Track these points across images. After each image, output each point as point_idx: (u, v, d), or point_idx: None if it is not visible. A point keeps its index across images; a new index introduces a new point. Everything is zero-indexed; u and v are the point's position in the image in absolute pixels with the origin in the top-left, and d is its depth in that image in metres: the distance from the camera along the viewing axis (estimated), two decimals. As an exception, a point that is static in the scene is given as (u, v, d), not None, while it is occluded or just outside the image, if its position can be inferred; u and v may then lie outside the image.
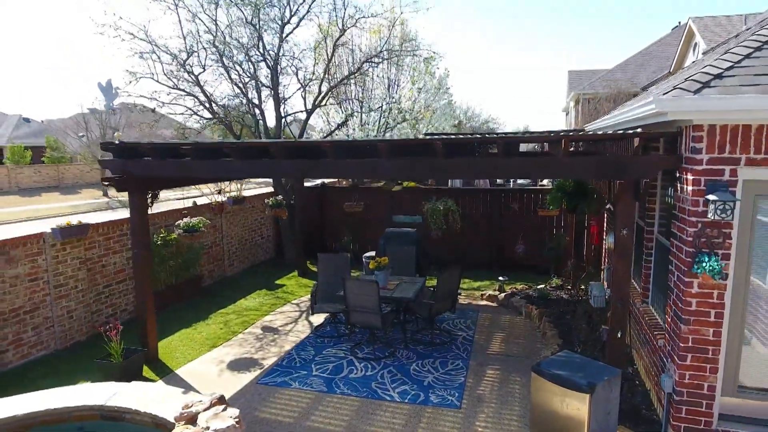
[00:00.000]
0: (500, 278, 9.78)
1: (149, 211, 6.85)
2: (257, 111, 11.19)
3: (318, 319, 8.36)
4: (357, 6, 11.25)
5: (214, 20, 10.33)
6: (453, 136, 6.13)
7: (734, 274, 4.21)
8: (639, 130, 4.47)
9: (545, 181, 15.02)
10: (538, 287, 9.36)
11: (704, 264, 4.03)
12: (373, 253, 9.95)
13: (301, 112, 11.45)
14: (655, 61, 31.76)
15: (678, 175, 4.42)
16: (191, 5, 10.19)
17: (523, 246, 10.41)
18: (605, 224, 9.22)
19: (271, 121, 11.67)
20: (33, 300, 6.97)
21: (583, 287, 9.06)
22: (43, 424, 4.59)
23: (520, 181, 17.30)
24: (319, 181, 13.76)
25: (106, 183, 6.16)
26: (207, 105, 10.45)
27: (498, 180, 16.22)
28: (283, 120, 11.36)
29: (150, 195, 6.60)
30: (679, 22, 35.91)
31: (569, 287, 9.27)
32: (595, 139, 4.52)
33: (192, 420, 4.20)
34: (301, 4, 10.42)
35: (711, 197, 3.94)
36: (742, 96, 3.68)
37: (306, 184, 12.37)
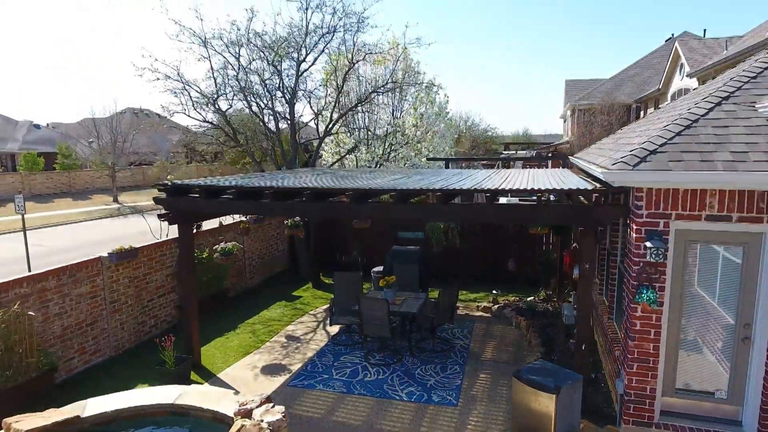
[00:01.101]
0: (494, 291, 10.98)
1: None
2: (276, 139, 12.38)
3: (334, 328, 9.55)
4: (365, 41, 12.31)
5: (238, 58, 11.52)
6: (449, 189, 7.27)
7: (669, 302, 5.41)
8: (597, 185, 5.66)
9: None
10: (528, 299, 10.55)
11: (644, 295, 5.22)
12: (380, 268, 11.17)
13: (315, 139, 12.64)
14: (648, 73, 32.88)
15: (627, 222, 5.62)
16: (217, 44, 11.37)
17: (514, 262, 11.60)
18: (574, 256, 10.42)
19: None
20: (93, 314, 8.18)
21: (566, 300, 10.25)
22: (125, 420, 5.77)
23: (513, 201, 18.46)
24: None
25: (162, 218, 7.36)
26: (232, 135, 11.64)
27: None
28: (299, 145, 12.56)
29: (195, 226, 7.80)
30: (672, 34, 37.14)
31: (554, 299, 10.46)
32: (565, 193, 5.67)
33: (247, 415, 5.39)
34: (315, 45, 11.62)
35: (648, 244, 5.13)
36: (668, 172, 4.87)
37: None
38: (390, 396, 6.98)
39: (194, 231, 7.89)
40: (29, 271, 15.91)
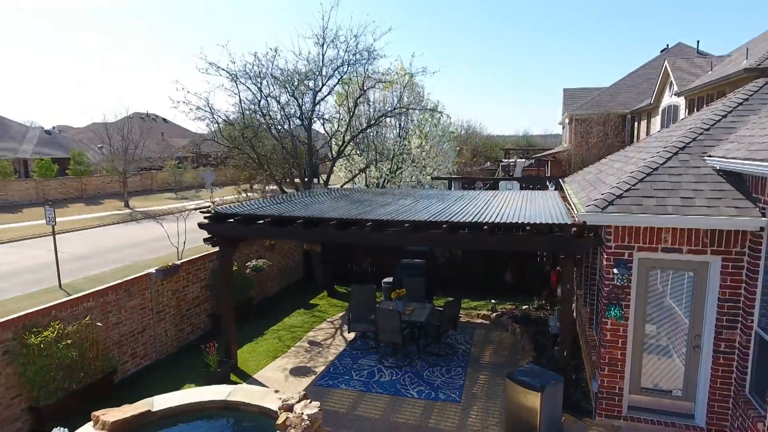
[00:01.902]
0: (492, 300, 12.18)
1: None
2: (294, 161, 13.62)
3: (350, 334, 10.75)
4: (375, 69, 13.46)
5: (260, 89, 12.74)
6: (452, 220, 8.44)
7: (634, 317, 6.61)
8: (576, 219, 6.86)
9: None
10: (523, 308, 11.76)
11: (612, 311, 6.43)
12: (390, 279, 12.36)
13: (329, 160, 13.87)
14: (644, 84, 33.99)
15: (600, 251, 6.81)
16: (242, 76, 12.59)
17: (511, 274, 12.80)
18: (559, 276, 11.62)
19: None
20: (142, 323, 9.39)
21: (552, 313, 11.45)
22: (186, 413, 6.96)
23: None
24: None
25: (207, 242, 8.57)
26: (256, 159, 12.87)
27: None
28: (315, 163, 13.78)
29: (233, 248, 9.00)
30: (668, 45, 38.30)
31: (547, 307, 11.65)
32: (549, 227, 6.87)
33: (289, 409, 6.58)
34: (330, 77, 12.84)
35: (615, 270, 6.34)
36: (630, 215, 6.08)
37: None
38: (403, 394, 8.18)
39: (232, 252, 9.08)
40: (59, 278, 17.11)
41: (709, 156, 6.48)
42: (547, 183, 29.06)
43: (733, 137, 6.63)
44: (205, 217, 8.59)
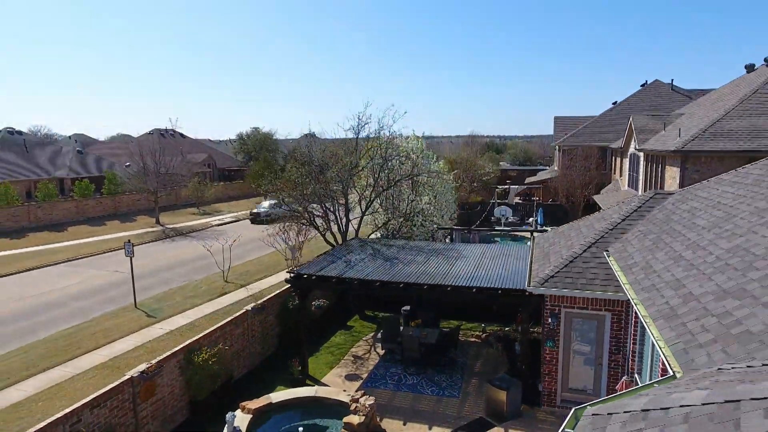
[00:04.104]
0: (482, 324, 16.61)
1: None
2: (332, 215, 18.09)
3: (381, 351, 15.15)
4: (394, 134, 17.90)
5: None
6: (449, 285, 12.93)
7: (562, 346, 11.03)
8: (528, 287, 11.27)
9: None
10: (505, 329, 16.18)
11: (548, 343, 10.86)
12: (408, 307, 16.76)
13: (357, 218, 18.33)
14: (624, 119, 38.19)
15: (542, 306, 11.25)
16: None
17: (496, 305, 17.20)
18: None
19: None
20: (244, 344, 13.82)
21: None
22: (291, 404, 11.32)
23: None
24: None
25: (293, 292, 12.99)
26: (310, 221, 17.35)
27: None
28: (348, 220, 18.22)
29: (308, 293, 13.45)
30: (646, 81, 42.66)
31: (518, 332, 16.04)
32: (513, 290, 11.27)
33: (356, 401, 10.98)
34: (362, 156, 17.27)
35: (549, 320, 10.76)
36: (556, 289, 10.49)
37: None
38: (421, 392, 12.58)
39: (307, 299, 13.52)
40: (134, 299, 21.19)
41: (606, 251, 10.89)
42: (534, 210, 33.53)
43: (623, 238, 11.04)
44: (288, 273, 13.02)
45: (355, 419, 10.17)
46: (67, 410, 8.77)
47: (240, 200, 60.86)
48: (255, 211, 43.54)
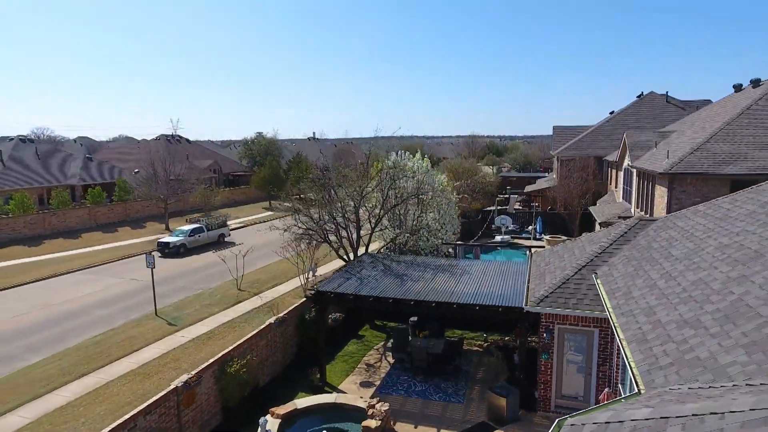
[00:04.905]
0: (484, 334, 17.97)
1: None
2: (344, 232, 19.45)
3: (392, 360, 16.50)
4: (401, 160, 19.11)
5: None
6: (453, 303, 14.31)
7: (555, 359, 12.39)
8: (525, 305, 12.62)
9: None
10: (506, 339, 17.53)
11: (544, 356, 12.22)
12: (416, 318, 18.11)
13: (367, 233, 19.70)
14: (620, 129, 39.54)
15: (539, 322, 12.60)
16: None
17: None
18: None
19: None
20: (268, 353, 15.18)
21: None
22: (312, 409, 12.65)
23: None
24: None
25: (312, 308, 14.35)
26: (322, 235, 18.73)
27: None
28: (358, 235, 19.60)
29: (326, 308, 14.81)
30: (642, 92, 43.99)
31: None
32: (511, 307, 12.63)
33: (372, 406, 12.33)
34: (373, 179, 18.64)
35: (545, 335, 12.12)
36: (551, 308, 11.85)
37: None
38: (429, 398, 13.93)
39: (324, 315, 14.87)
40: (155, 307, 22.50)
41: (594, 273, 12.25)
42: (533, 219, 34.91)
43: (610, 262, 12.38)
44: (308, 291, 14.37)
45: (372, 423, 11.52)
46: (126, 416, 10.14)
47: (245, 205, 62.32)
48: (164, 240, 34.12)
